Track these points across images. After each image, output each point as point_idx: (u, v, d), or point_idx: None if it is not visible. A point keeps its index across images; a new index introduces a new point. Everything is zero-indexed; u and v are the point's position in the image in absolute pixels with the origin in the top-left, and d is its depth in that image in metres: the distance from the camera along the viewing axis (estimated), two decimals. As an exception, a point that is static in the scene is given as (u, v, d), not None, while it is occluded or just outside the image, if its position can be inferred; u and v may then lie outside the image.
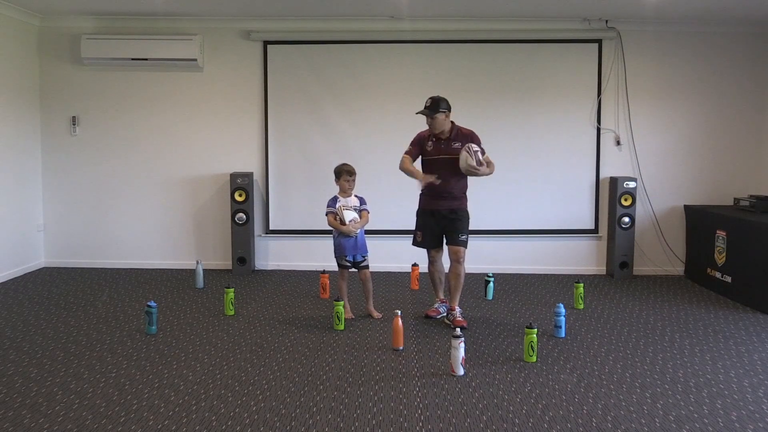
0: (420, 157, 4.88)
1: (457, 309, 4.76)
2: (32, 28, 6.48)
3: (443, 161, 4.72)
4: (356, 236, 4.88)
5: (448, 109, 4.72)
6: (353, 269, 4.97)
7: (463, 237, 4.71)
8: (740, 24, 6.36)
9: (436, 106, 4.68)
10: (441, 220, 4.79)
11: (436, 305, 5.04)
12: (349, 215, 4.81)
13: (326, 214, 4.89)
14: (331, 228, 4.93)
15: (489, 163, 4.66)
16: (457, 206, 4.77)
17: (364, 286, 4.99)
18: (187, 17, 6.43)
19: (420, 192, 4.92)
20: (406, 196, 6.47)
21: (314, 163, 6.56)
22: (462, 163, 4.57)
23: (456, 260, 4.71)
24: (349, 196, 4.94)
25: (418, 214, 4.94)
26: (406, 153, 4.86)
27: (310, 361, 3.98)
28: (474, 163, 4.51)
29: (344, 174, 4.90)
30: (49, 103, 6.63)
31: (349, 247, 4.88)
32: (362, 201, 4.99)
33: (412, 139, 4.94)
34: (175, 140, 6.65)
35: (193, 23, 6.49)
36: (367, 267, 4.97)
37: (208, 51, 6.54)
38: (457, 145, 4.67)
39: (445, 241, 4.85)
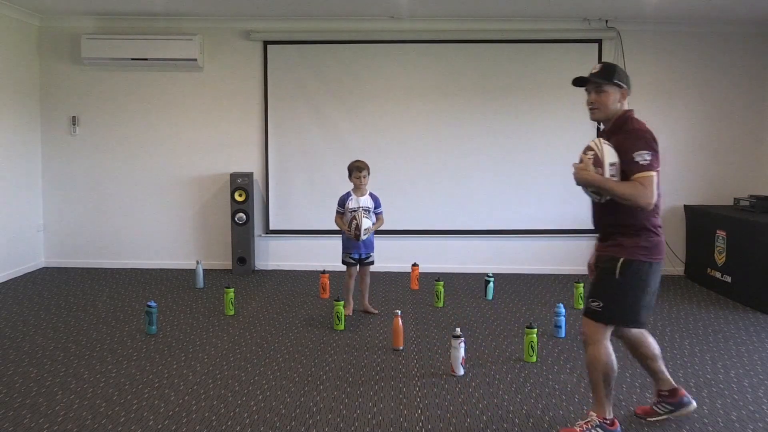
0: None
1: (592, 416, 2.97)
2: (32, 28, 6.47)
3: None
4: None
5: (626, 83, 3.03)
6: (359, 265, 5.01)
7: (595, 303, 2.92)
8: (740, 24, 6.36)
9: (607, 73, 3.00)
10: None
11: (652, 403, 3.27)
12: (366, 223, 4.74)
13: (336, 212, 4.90)
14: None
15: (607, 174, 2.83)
16: (604, 254, 2.97)
17: (362, 280, 5.00)
18: (187, 17, 6.43)
19: None
20: (406, 195, 6.50)
21: (314, 163, 6.56)
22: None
23: (582, 338, 3.02)
24: (363, 194, 4.91)
25: None
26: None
27: (310, 361, 3.98)
28: (580, 164, 2.90)
29: (354, 171, 4.86)
30: (49, 103, 6.63)
31: (358, 246, 4.89)
32: (377, 203, 4.94)
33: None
34: (175, 140, 6.65)
35: (193, 23, 6.49)
36: (371, 263, 5.00)
37: (208, 51, 6.54)
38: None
39: None
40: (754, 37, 6.46)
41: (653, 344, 3.13)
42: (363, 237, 4.73)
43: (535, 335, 4.01)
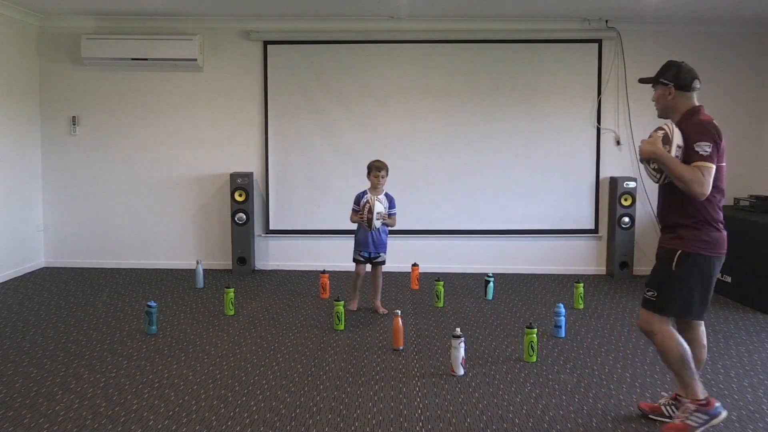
0: None
1: (687, 404, 3.00)
2: (32, 28, 6.47)
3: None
4: (377, 231, 4.90)
5: (674, 80, 3.04)
6: (368, 267, 5.04)
7: (650, 293, 3.01)
8: (740, 24, 6.36)
9: (658, 73, 3.14)
10: None
11: (661, 400, 3.27)
12: (378, 207, 4.81)
13: (352, 210, 4.97)
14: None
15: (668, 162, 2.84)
16: (664, 246, 3.01)
17: (374, 281, 5.06)
18: (187, 17, 6.43)
19: None
20: (406, 195, 6.49)
21: (314, 163, 6.56)
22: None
23: (640, 328, 3.10)
24: (379, 194, 4.95)
25: None
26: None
27: (310, 361, 3.98)
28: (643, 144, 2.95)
29: (373, 170, 4.93)
30: (49, 103, 6.63)
31: (368, 244, 4.94)
32: (391, 203, 4.99)
33: None
34: (175, 140, 6.65)
35: (193, 23, 6.49)
36: (382, 263, 5.04)
37: (208, 51, 6.54)
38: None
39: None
40: (754, 37, 6.46)
41: (705, 354, 3.17)
42: (375, 221, 4.77)
43: (535, 335, 4.01)
